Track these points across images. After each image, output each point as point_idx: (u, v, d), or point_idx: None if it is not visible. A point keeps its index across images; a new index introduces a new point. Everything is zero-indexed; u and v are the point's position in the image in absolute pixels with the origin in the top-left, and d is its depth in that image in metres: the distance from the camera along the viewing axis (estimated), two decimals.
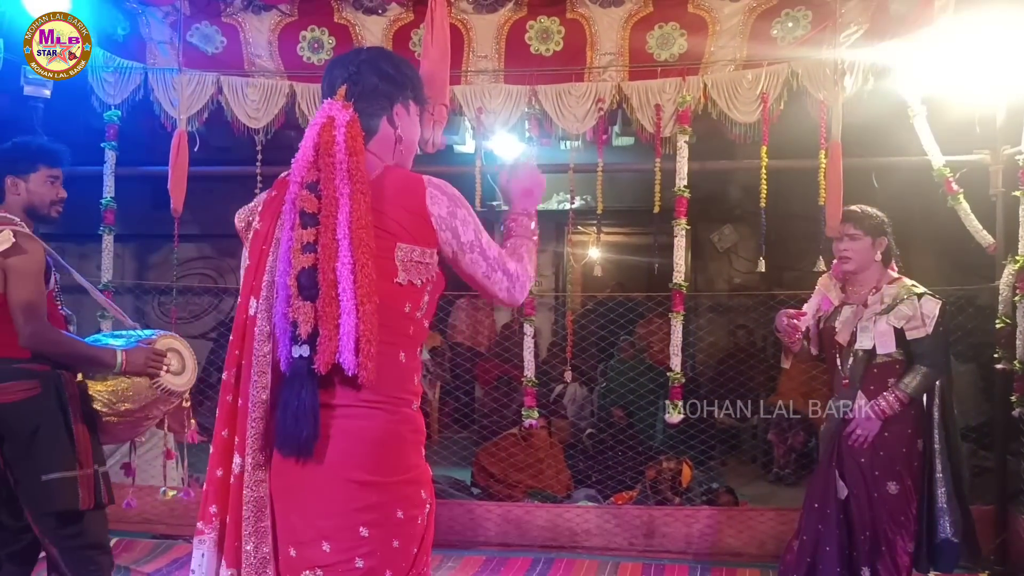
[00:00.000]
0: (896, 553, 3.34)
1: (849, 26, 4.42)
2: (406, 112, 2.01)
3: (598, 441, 6.27)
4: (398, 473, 1.85)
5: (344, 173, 1.80)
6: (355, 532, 1.78)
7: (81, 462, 2.92)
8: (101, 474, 2.98)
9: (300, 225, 1.81)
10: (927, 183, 4.65)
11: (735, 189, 8.53)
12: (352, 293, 1.74)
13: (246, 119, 4.92)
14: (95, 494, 2.93)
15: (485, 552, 4.87)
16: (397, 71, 2.00)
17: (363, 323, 1.74)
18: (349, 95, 1.92)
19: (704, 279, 9.38)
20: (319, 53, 4.90)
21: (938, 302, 3.37)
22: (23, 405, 2.88)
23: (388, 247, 1.82)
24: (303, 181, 1.84)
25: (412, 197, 1.86)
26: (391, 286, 1.82)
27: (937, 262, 6.47)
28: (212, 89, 4.91)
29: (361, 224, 1.77)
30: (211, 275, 9.48)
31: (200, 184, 5.12)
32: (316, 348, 1.75)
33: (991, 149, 4.61)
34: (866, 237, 3.45)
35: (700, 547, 4.87)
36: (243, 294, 1.93)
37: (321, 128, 1.86)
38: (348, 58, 1.99)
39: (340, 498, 1.79)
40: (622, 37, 4.71)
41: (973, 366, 6.44)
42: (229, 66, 4.94)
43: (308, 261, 1.78)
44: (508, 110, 4.84)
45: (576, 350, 6.29)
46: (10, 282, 2.84)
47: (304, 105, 4.87)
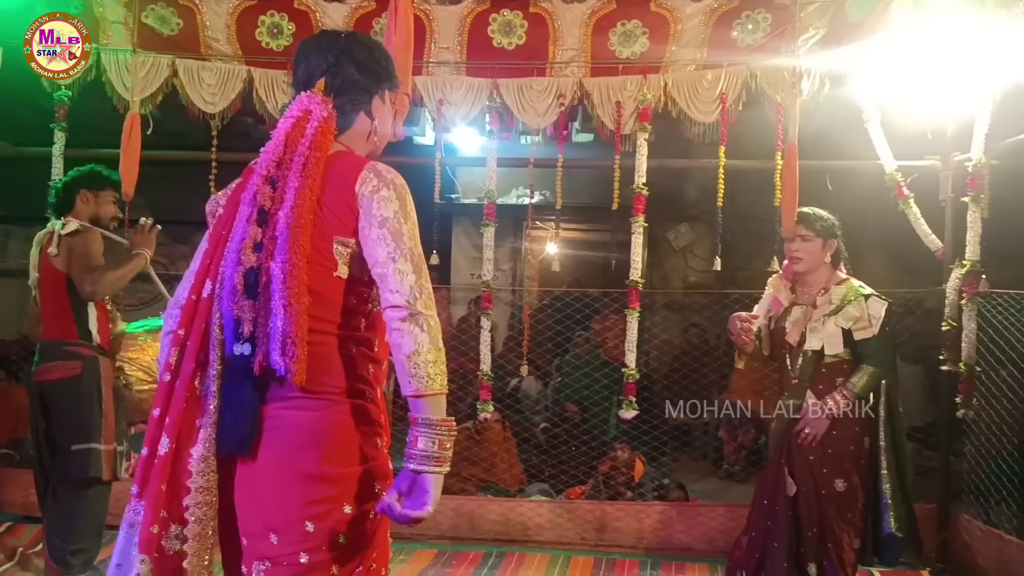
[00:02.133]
0: (842, 549, 3.41)
1: (807, 30, 4.48)
2: (382, 103, 1.99)
3: (552, 436, 6.28)
4: (347, 466, 1.82)
5: (299, 167, 1.78)
6: (300, 527, 1.76)
7: (106, 438, 3.37)
8: (118, 452, 3.43)
9: (256, 222, 1.79)
10: (880, 187, 4.74)
11: (692, 188, 8.60)
12: (281, 295, 1.72)
13: (202, 103, 4.83)
14: (113, 468, 3.38)
15: (437, 545, 4.86)
16: (375, 61, 1.97)
17: (291, 324, 1.71)
18: (328, 89, 1.89)
19: (659, 277, 9.45)
20: (278, 39, 4.83)
21: (884, 303, 3.45)
22: (66, 383, 3.37)
23: (326, 240, 1.79)
24: (267, 175, 1.82)
25: (347, 181, 1.81)
26: (332, 280, 1.80)
27: (887, 265, 6.59)
28: (167, 72, 4.80)
29: (299, 223, 1.75)
30: (163, 262, 9.28)
31: (153, 169, 5.02)
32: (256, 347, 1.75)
33: (942, 156, 4.72)
34: (817, 239, 3.52)
35: (651, 542, 4.91)
36: (197, 275, 1.88)
37: (296, 122, 1.84)
38: (324, 46, 1.95)
39: (286, 492, 1.76)
40: (584, 33, 4.72)
41: (920, 368, 6.58)
42: (185, 49, 4.84)
43: (255, 260, 1.76)
44: (469, 103, 4.82)
45: (532, 344, 6.30)
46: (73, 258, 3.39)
47: (262, 91, 4.80)
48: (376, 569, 1.91)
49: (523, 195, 8.76)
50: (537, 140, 5.52)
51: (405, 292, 1.72)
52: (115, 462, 3.41)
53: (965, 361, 4.43)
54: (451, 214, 8.88)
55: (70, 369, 3.39)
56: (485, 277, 4.98)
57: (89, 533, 3.44)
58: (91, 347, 3.46)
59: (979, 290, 4.43)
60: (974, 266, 4.42)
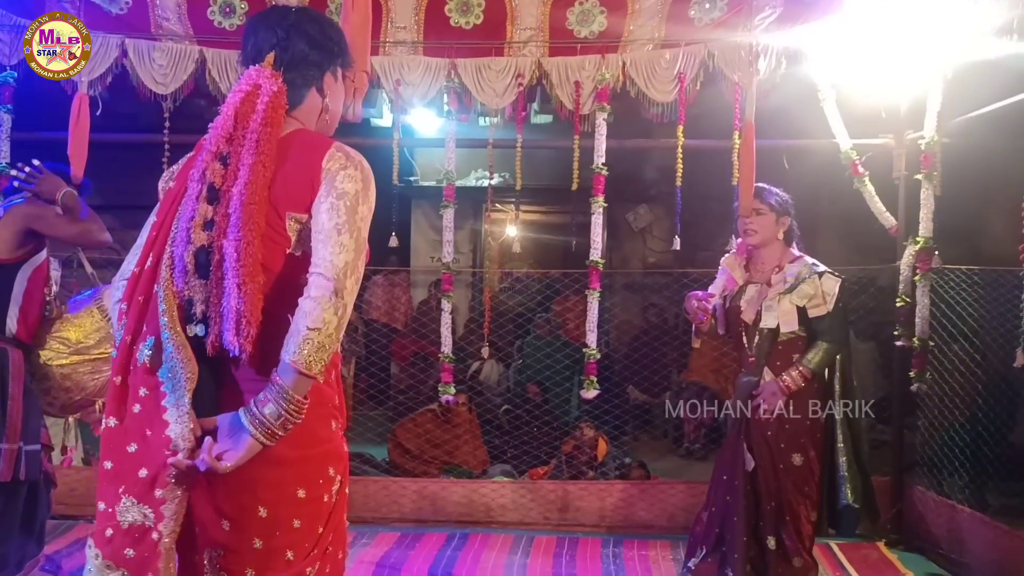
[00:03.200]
0: (800, 522, 3.47)
1: (764, 9, 4.50)
2: (334, 80, 1.96)
3: (514, 417, 6.30)
4: (300, 448, 1.77)
5: (252, 144, 1.75)
6: (253, 512, 1.73)
7: (8, 436, 3.17)
8: (27, 451, 3.22)
9: (206, 200, 1.75)
10: (835, 166, 4.80)
11: (651, 169, 8.64)
12: (235, 273, 1.68)
13: (153, 85, 4.72)
14: (14, 468, 3.17)
15: (400, 528, 4.85)
16: (327, 37, 1.93)
17: (245, 304, 1.67)
18: (278, 63, 1.85)
19: (619, 258, 9.50)
20: (231, 18, 4.73)
21: (838, 280, 3.50)
22: None
23: (280, 217, 1.76)
24: (217, 151, 1.78)
25: (311, 157, 1.78)
26: (285, 258, 1.77)
27: (841, 243, 6.70)
28: (116, 52, 4.68)
29: (253, 199, 1.71)
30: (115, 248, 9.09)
31: (104, 152, 4.89)
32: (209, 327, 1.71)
33: (895, 134, 4.79)
34: (771, 213, 3.58)
35: (613, 520, 4.96)
36: (144, 248, 1.84)
37: (245, 96, 1.80)
38: (273, 20, 1.91)
39: (237, 476, 1.70)
40: (543, 12, 4.70)
41: (873, 344, 6.72)
42: (135, 28, 4.73)
43: (206, 239, 1.73)
44: (427, 83, 4.77)
45: (493, 326, 6.30)
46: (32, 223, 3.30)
47: (215, 72, 4.70)
48: (332, 552, 1.88)
49: (482, 177, 8.73)
50: (496, 121, 5.48)
51: (339, 266, 1.68)
52: (18, 461, 3.20)
53: (919, 336, 4.52)
54: (410, 196, 8.83)
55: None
56: (445, 259, 4.95)
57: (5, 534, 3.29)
58: (3, 340, 3.26)
59: (932, 266, 4.52)
60: (927, 243, 4.50)
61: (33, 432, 3.28)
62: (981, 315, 4.45)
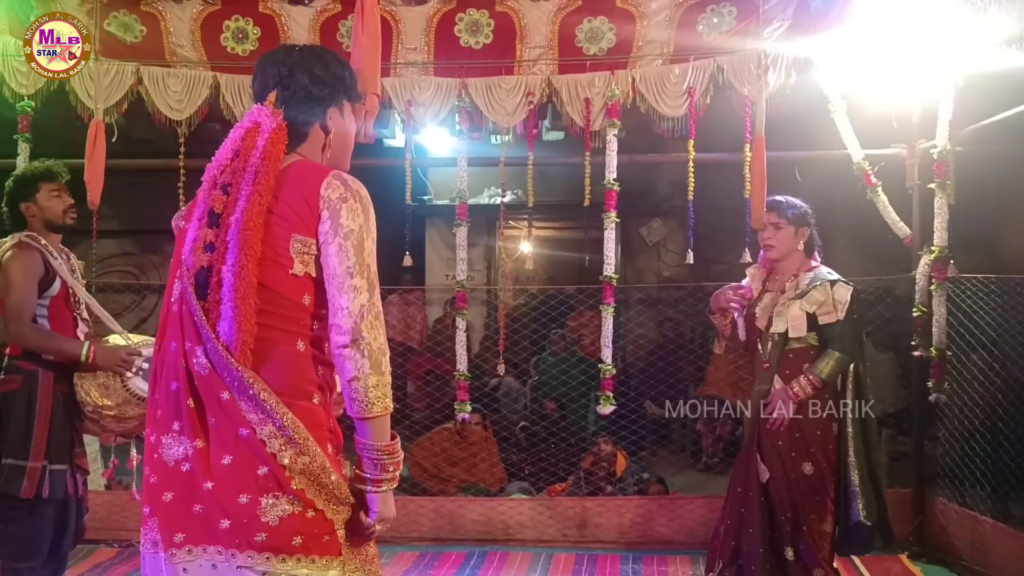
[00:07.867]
0: (817, 532, 3.44)
1: (772, 22, 4.51)
2: (340, 114, 1.98)
3: (531, 434, 6.28)
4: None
5: (251, 176, 1.80)
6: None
7: (33, 454, 3.22)
8: (52, 471, 3.25)
9: (207, 224, 1.83)
10: (847, 176, 4.79)
11: (663, 184, 8.64)
12: (230, 298, 1.75)
13: (168, 111, 4.79)
14: (38, 486, 3.20)
15: (418, 547, 4.85)
16: (330, 73, 1.95)
17: (238, 329, 1.74)
18: (280, 101, 1.89)
19: (633, 272, 9.48)
20: (244, 43, 4.79)
21: (850, 288, 3.49)
22: (6, 397, 3.28)
23: (284, 237, 1.80)
24: (216, 182, 1.85)
25: (309, 183, 1.83)
26: (287, 277, 1.81)
27: (857, 254, 6.66)
28: (132, 79, 4.76)
29: (249, 226, 1.76)
30: (132, 272, 9.20)
31: (121, 178, 4.97)
32: None
33: (907, 143, 4.77)
34: (789, 226, 3.56)
35: (632, 536, 4.93)
36: (168, 285, 1.91)
37: (245, 133, 1.86)
38: (278, 58, 1.95)
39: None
40: (551, 30, 4.73)
41: (891, 355, 6.66)
42: (149, 56, 4.80)
43: (206, 260, 1.81)
44: (438, 103, 4.81)
45: (509, 343, 6.30)
46: (1, 287, 3.25)
47: (228, 96, 4.77)
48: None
49: (495, 195, 8.75)
50: (507, 139, 5.51)
51: (354, 313, 1.76)
52: (41, 480, 3.23)
53: (936, 346, 4.48)
54: (424, 216, 8.86)
55: (11, 383, 3.30)
56: (459, 277, 4.97)
57: (25, 552, 3.30)
58: (36, 361, 3.30)
59: (948, 275, 4.49)
60: (942, 252, 4.47)
61: (58, 452, 3.29)
62: (999, 324, 4.40)
